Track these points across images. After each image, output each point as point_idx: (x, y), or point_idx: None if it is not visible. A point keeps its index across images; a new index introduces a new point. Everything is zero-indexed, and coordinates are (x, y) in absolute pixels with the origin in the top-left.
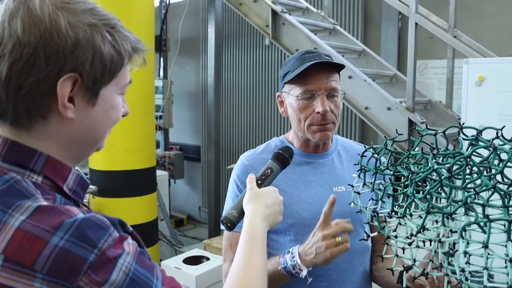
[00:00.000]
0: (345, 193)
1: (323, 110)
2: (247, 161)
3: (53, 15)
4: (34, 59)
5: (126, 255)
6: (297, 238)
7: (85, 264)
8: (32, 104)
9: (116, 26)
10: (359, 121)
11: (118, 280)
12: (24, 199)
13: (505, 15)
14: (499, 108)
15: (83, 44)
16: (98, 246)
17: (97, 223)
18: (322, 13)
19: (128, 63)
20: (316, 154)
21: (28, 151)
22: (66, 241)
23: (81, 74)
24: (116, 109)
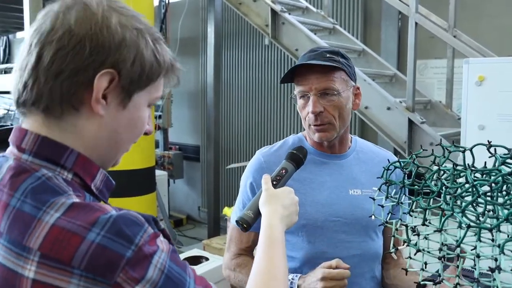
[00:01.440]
0: (361, 196)
1: (312, 111)
2: (262, 157)
3: (106, 13)
4: (79, 48)
5: (160, 252)
6: (309, 239)
7: (123, 260)
8: (67, 91)
9: (159, 39)
10: (359, 120)
11: (154, 277)
12: (57, 195)
13: (505, 15)
14: (499, 108)
15: (128, 43)
16: (134, 242)
17: (131, 219)
18: (322, 12)
19: (164, 75)
20: (334, 154)
21: (59, 147)
22: (102, 237)
23: (120, 72)
24: (142, 121)
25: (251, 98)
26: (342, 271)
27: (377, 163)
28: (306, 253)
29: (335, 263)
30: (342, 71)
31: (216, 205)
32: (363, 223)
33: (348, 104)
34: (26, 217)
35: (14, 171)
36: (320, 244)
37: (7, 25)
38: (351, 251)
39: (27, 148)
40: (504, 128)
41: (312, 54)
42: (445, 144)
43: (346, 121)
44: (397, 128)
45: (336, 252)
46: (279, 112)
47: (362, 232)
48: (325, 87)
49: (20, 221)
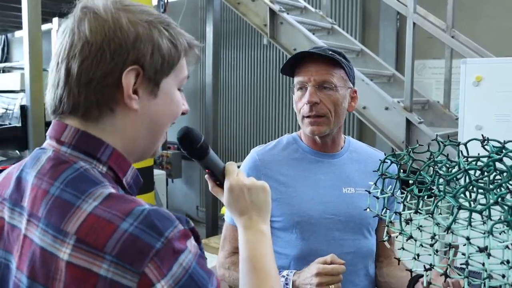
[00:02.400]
0: (354, 195)
1: (308, 101)
2: (257, 156)
3: (115, 15)
4: (101, 54)
5: (188, 252)
6: (303, 236)
7: (152, 251)
8: (101, 96)
9: (171, 24)
10: (357, 120)
11: (178, 273)
12: (95, 186)
13: (502, 15)
14: (497, 108)
15: (143, 38)
16: (164, 235)
17: (163, 214)
18: (320, 12)
19: (184, 57)
20: (327, 153)
21: (97, 142)
22: (135, 227)
23: (143, 66)
24: (176, 104)
25: (250, 98)
26: (337, 267)
27: (370, 162)
28: (300, 251)
29: (330, 258)
30: (342, 69)
31: (214, 204)
32: (356, 221)
33: (344, 102)
34: (65, 204)
35: (54, 161)
36: (314, 242)
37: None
38: (344, 248)
39: (67, 141)
40: (501, 128)
41: (315, 50)
42: (440, 139)
43: (341, 119)
44: (395, 128)
45: (330, 249)
46: (277, 112)
47: (356, 230)
48: (324, 80)
49: (59, 207)
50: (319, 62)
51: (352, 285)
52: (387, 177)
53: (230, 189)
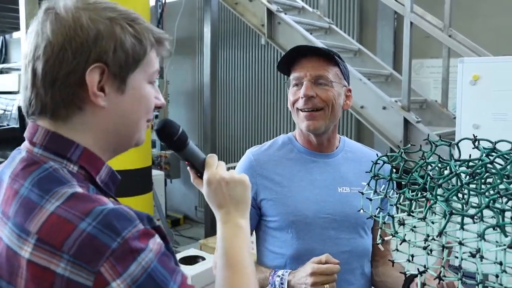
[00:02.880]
0: (349, 194)
1: (304, 94)
2: (252, 156)
3: (76, 14)
4: (63, 54)
5: (148, 251)
6: (298, 236)
7: (108, 250)
8: (66, 95)
9: (137, 20)
10: (355, 120)
11: (136, 273)
12: (60, 185)
13: (499, 14)
14: (494, 107)
15: (104, 35)
16: (121, 235)
17: (123, 214)
18: (317, 12)
19: (151, 51)
20: (322, 153)
21: (67, 142)
22: (93, 227)
23: (106, 63)
24: (146, 98)
25: (248, 98)
26: (332, 266)
27: (365, 162)
28: (295, 250)
29: (325, 258)
30: (337, 67)
31: None
32: (352, 220)
33: (339, 99)
34: (30, 204)
35: (26, 162)
36: (309, 241)
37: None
38: (340, 247)
39: (38, 142)
40: (498, 127)
41: (311, 46)
42: (432, 139)
43: (336, 116)
44: (392, 127)
45: (326, 248)
46: (275, 112)
47: (351, 229)
48: (319, 75)
49: (25, 207)
50: (314, 59)
51: (347, 284)
52: (380, 178)
53: (208, 182)
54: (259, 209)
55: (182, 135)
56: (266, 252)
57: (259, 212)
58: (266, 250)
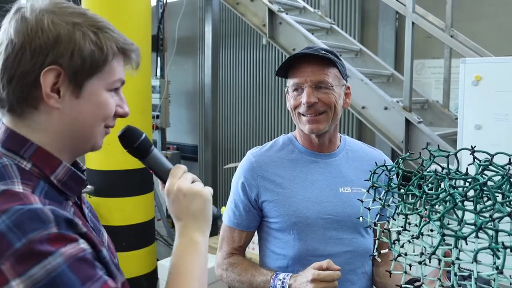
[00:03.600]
0: (351, 194)
1: (306, 101)
2: (253, 157)
3: (39, 16)
4: (22, 53)
5: (57, 256)
6: (300, 236)
7: (10, 249)
8: (22, 93)
9: (103, 28)
10: (356, 120)
11: (38, 276)
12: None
13: (501, 15)
14: (496, 108)
15: (63, 39)
16: (27, 236)
17: (39, 215)
18: (319, 12)
19: (113, 60)
20: (323, 153)
21: (21, 139)
22: (5, 225)
23: (62, 66)
24: (104, 105)
25: (249, 98)
26: (332, 273)
27: (367, 161)
28: (297, 251)
29: (326, 263)
30: (336, 68)
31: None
32: (353, 220)
33: (340, 100)
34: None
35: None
36: (311, 241)
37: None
38: (342, 247)
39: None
40: (500, 128)
41: (308, 50)
42: (431, 148)
43: (338, 116)
44: (394, 127)
45: (327, 248)
46: (276, 112)
47: (353, 229)
48: (320, 80)
49: None
50: (313, 63)
51: (350, 284)
52: (378, 187)
53: (167, 192)
54: (261, 210)
55: (144, 142)
56: (268, 253)
57: (261, 214)
58: (269, 251)
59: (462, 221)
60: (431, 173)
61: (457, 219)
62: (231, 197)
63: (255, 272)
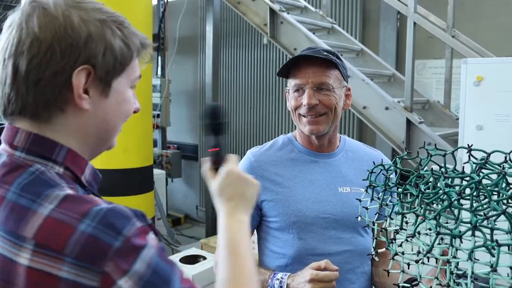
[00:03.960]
0: (350, 194)
1: (307, 103)
2: (253, 157)
3: (66, 13)
4: (51, 52)
5: (149, 247)
6: (299, 235)
7: (111, 249)
8: (51, 96)
9: (124, 23)
10: (357, 120)
11: (142, 270)
12: (50, 188)
13: (503, 15)
14: (497, 108)
15: (95, 37)
16: (123, 233)
17: (120, 212)
18: (320, 12)
19: (136, 57)
20: (323, 153)
21: (50, 143)
22: (93, 228)
23: (94, 66)
24: (128, 102)
25: (250, 98)
26: (330, 273)
27: (366, 161)
28: (296, 250)
29: (324, 264)
30: (337, 69)
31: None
32: (352, 219)
33: (340, 102)
34: (21, 209)
35: (9, 167)
36: (310, 240)
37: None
38: (341, 246)
39: (20, 145)
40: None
41: (310, 51)
42: (428, 147)
43: (338, 117)
44: (395, 128)
45: (327, 248)
46: (277, 112)
47: (352, 229)
48: (321, 82)
49: (15, 213)
50: (315, 64)
51: (349, 283)
52: (375, 186)
53: (228, 173)
54: (260, 210)
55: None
56: (267, 252)
57: (260, 213)
58: (268, 250)
59: (458, 219)
60: (428, 172)
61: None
62: None
63: None
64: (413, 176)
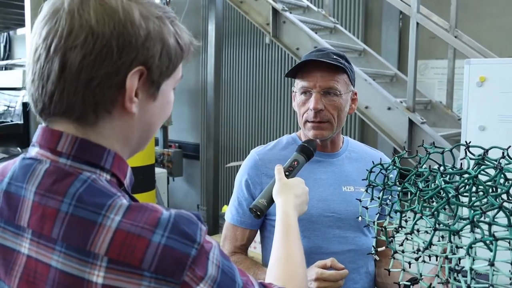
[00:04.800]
0: (354, 193)
1: (313, 108)
2: (257, 155)
3: (126, 6)
4: (107, 50)
5: (214, 248)
6: (304, 234)
7: (189, 259)
8: (101, 97)
9: (175, 19)
10: (359, 120)
11: (214, 273)
12: (110, 197)
13: (506, 15)
14: (500, 109)
15: (153, 36)
16: (197, 241)
17: (188, 218)
18: (323, 12)
19: (186, 57)
20: (327, 153)
21: (99, 149)
22: (167, 238)
23: (150, 68)
24: (170, 104)
25: (251, 97)
26: (335, 273)
27: (368, 161)
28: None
29: (330, 262)
30: (345, 74)
31: (215, 203)
32: (356, 218)
33: (346, 107)
34: (84, 222)
35: (56, 175)
36: (315, 239)
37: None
38: (345, 246)
39: (65, 151)
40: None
41: (319, 54)
42: (426, 146)
43: (342, 123)
44: (397, 128)
45: (331, 246)
46: (279, 111)
47: (356, 228)
48: (329, 86)
49: (78, 227)
50: (324, 67)
51: (352, 283)
52: (375, 186)
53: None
54: None
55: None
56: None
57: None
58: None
59: (456, 215)
60: (426, 169)
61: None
62: (234, 195)
63: (257, 270)
64: (411, 174)
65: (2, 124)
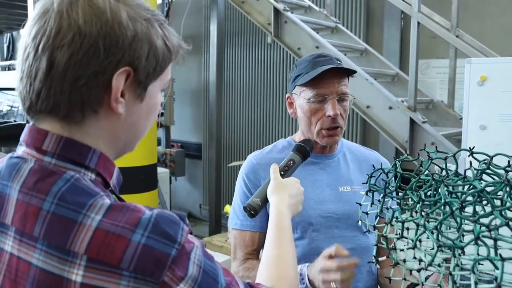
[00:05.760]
0: (351, 193)
1: (334, 114)
2: (255, 160)
3: (114, 8)
4: (94, 50)
5: (196, 248)
6: (304, 235)
7: (169, 259)
8: (87, 96)
9: (164, 22)
10: (361, 120)
11: (195, 273)
12: (92, 197)
13: (507, 15)
14: (501, 108)
15: (140, 37)
16: (178, 241)
17: (170, 218)
18: (324, 11)
19: (174, 59)
20: (323, 154)
21: (83, 148)
22: (147, 238)
23: (136, 68)
24: (157, 107)
25: (253, 97)
26: (339, 263)
27: (364, 161)
28: (302, 250)
29: (334, 250)
30: (347, 78)
31: (217, 202)
32: (354, 218)
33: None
34: (65, 221)
35: (40, 174)
36: (315, 240)
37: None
38: (345, 245)
39: (49, 150)
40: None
41: (327, 59)
42: (428, 150)
43: None
44: (398, 127)
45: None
46: (280, 111)
47: (354, 227)
48: (343, 92)
49: (59, 225)
50: (337, 73)
51: (355, 282)
52: (375, 190)
53: (297, 180)
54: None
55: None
56: None
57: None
58: None
59: (460, 229)
60: (428, 177)
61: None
62: (236, 201)
63: None
64: (413, 182)
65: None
